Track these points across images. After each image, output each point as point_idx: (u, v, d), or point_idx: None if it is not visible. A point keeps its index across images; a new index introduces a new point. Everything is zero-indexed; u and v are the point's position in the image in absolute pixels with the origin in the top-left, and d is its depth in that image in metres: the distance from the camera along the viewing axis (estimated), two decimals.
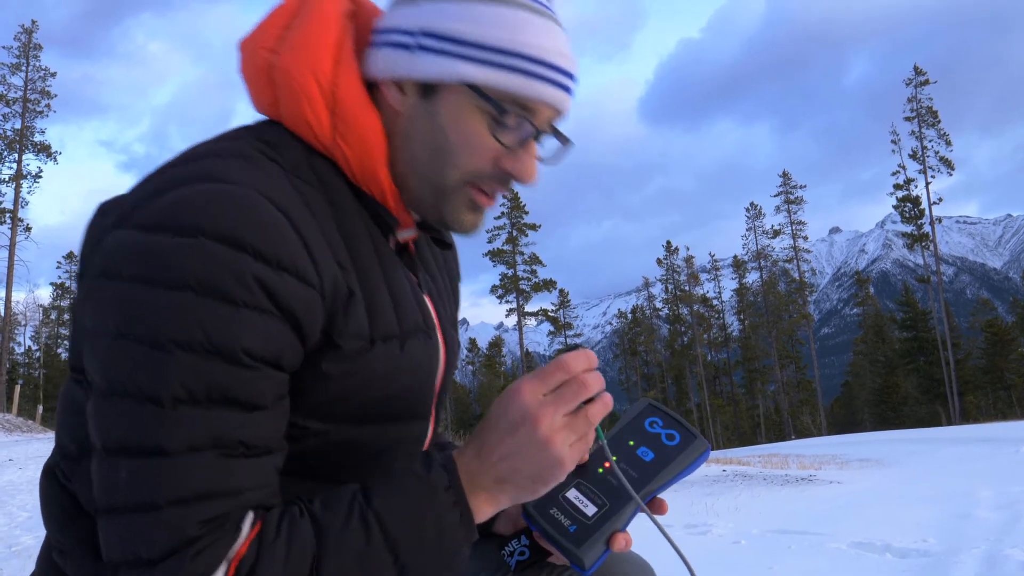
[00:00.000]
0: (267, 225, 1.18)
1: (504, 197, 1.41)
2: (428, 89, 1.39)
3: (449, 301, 1.70)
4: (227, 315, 1.14)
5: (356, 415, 1.36)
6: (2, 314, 62.21)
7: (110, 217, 1.26)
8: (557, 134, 1.46)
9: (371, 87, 1.44)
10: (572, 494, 1.45)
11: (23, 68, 65.70)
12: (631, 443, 1.50)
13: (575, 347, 1.34)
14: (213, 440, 1.15)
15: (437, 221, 1.48)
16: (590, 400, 1.31)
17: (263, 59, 1.41)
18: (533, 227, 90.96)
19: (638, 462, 1.47)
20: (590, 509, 1.43)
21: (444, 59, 1.36)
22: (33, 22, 67.42)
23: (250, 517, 1.18)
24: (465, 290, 1.90)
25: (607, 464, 1.47)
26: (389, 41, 1.41)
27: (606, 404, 1.32)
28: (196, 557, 1.12)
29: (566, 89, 1.41)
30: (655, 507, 1.45)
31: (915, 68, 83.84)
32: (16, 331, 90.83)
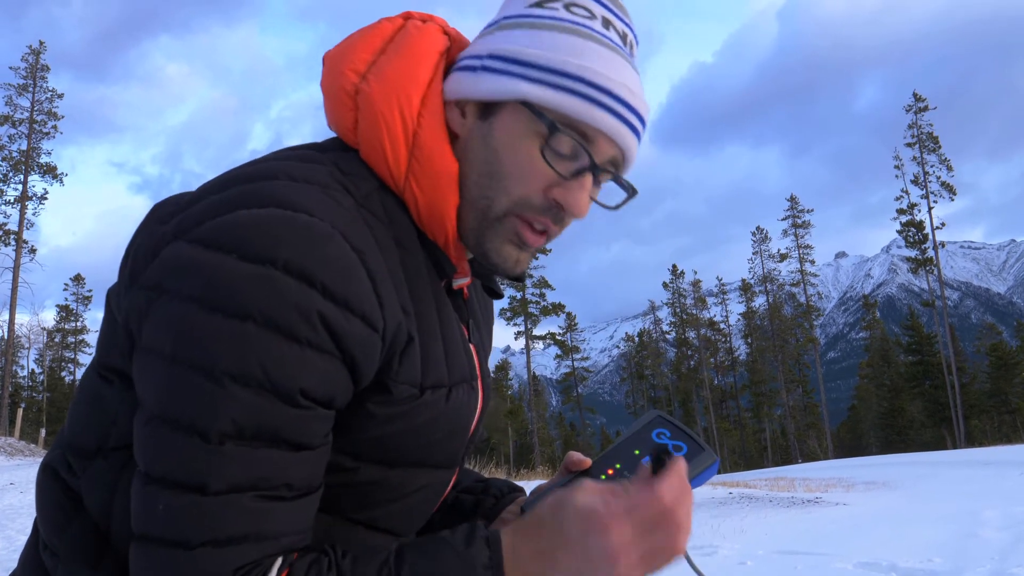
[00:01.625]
0: (339, 263, 1.14)
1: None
2: (487, 110, 1.36)
3: (488, 349, 1.67)
4: (288, 352, 1.10)
5: (389, 458, 1.32)
6: (5, 337, 62.18)
7: (170, 224, 1.21)
8: (619, 180, 1.42)
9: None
10: None
11: (30, 89, 65.76)
12: (636, 452, 1.46)
13: (664, 455, 1.24)
14: (256, 481, 1.11)
15: (480, 254, 1.41)
16: None
17: (350, 81, 1.37)
18: (543, 250, 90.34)
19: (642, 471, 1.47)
20: None
21: (504, 78, 1.33)
22: (41, 43, 67.56)
23: (277, 564, 1.14)
24: None
25: (610, 471, 1.45)
26: (459, 67, 1.40)
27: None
28: None
29: (629, 125, 1.35)
30: None
31: (914, 95, 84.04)
32: (19, 354, 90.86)
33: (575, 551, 1.19)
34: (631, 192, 1.43)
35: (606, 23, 1.39)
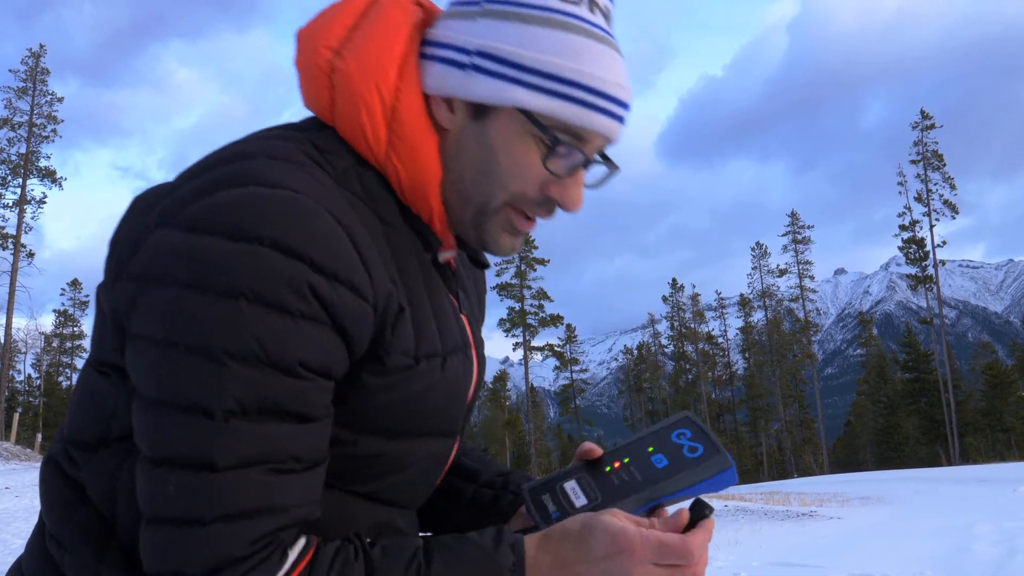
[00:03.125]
0: (325, 236, 1.14)
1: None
2: (479, 111, 1.34)
3: (480, 319, 1.69)
4: (282, 326, 1.11)
5: (388, 429, 1.32)
6: (2, 341, 61.96)
7: (152, 214, 1.21)
8: (605, 160, 1.42)
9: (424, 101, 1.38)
10: (569, 485, 1.46)
11: (29, 92, 65.45)
12: (650, 449, 1.47)
13: (707, 510, 1.29)
14: (264, 455, 1.12)
15: (476, 241, 1.43)
16: None
17: (324, 59, 1.34)
18: (542, 262, 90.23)
19: (649, 467, 1.44)
20: (580, 501, 1.41)
21: (499, 82, 1.30)
22: (41, 46, 67.43)
23: (300, 544, 1.18)
24: None
25: (616, 464, 1.46)
26: (443, 57, 1.36)
27: None
28: None
29: (620, 119, 1.36)
30: (654, 515, 1.39)
31: (922, 112, 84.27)
32: (16, 358, 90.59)
33: (596, 568, 1.23)
34: (613, 168, 1.44)
35: (592, 4, 1.35)
